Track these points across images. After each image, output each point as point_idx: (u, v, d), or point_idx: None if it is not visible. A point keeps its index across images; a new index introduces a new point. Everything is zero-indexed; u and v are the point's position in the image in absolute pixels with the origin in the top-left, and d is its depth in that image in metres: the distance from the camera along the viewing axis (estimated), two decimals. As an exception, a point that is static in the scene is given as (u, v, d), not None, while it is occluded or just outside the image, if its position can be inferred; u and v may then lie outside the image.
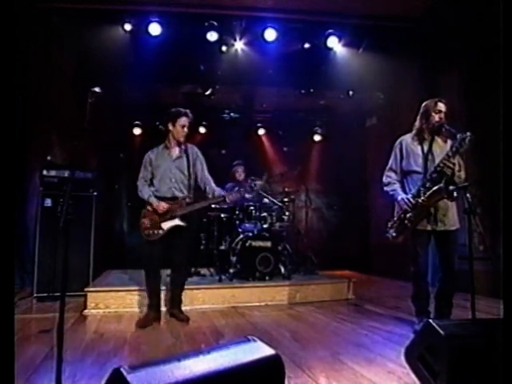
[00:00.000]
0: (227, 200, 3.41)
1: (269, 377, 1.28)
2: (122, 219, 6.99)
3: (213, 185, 3.50)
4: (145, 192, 3.41)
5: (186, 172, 3.43)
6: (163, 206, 3.32)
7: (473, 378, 1.52)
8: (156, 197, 3.35)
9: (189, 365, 1.16)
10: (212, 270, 5.09)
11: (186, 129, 3.41)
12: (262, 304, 4.09)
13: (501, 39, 1.60)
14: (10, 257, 1.44)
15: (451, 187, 2.73)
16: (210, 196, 3.47)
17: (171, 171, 3.40)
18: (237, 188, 3.23)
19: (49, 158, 4.59)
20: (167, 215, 3.32)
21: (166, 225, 3.32)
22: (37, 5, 4.66)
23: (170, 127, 3.40)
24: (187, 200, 3.40)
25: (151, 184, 3.47)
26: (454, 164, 2.79)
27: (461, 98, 4.83)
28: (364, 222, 7.40)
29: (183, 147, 3.49)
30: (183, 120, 3.37)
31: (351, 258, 7.06)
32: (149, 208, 3.38)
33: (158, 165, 3.40)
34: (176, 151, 3.47)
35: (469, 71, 4.79)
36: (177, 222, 3.33)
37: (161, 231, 3.30)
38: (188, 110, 3.43)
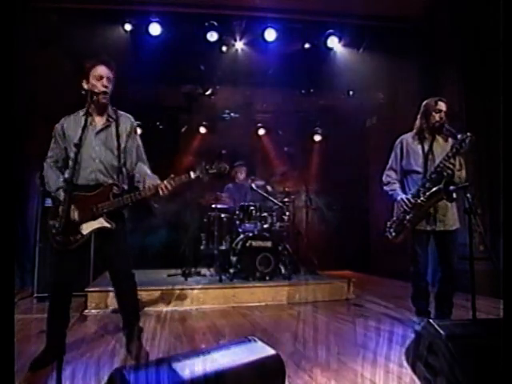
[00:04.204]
0: (161, 192, 2.35)
1: (269, 377, 1.28)
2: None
3: (146, 170, 2.51)
4: (52, 180, 2.43)
5: (114, 150, 2.42)
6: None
7: (473, 378, 1.52)
8: (74, 185, 2.26)
9: (189, 365, 1.16)
10: (212, 269, 5.09)
11: (105, 81, 2.36)
12: (263, 304, 4.09)
13: (501, 39, 1.60)
14: (10, 257, 1.44)
15: (451, 187, 2.73)
16: (141, 186, 2.44)
17: (94, 148, 2.38)
18: (172, 175, 2.40)
19: None
20: (87, 212, 2.32)
21: (87, 227, 2.32)
22: (37, 5, 4.67)
23: (85, 85, 2.38)
24: (115, 190, 2.37)
25: (65, 166, 2.46)
26: (453, 165, 2.78)
27: (461, 97, 4.84)
28: (364, 221, 7.41)
29: (112, 115, 2.46)
30: (99, 69, 2.35)
31: (351, 257, 7.06)
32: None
33: (75, 138, 2.28)
34: (101, 120, 2.44)
35: (469, 71, 4.79)
36: (101, 223, 2.32)
37: (79, 237, 2.31)
38: (107, 56, 2.44)
